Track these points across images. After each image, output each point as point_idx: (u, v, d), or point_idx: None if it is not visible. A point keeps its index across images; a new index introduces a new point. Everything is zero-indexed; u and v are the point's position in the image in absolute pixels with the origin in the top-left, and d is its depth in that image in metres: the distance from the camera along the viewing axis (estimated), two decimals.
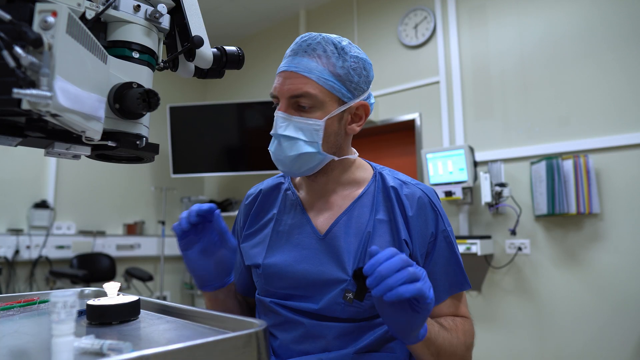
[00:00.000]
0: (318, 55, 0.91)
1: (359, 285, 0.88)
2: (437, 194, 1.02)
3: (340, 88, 0.92)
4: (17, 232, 3.37)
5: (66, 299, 0.42)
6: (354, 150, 1.03)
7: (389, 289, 0.65)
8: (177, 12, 0.73)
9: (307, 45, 0.92)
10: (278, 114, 0.92)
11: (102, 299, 0.69)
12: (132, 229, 4.08)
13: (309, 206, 1.01)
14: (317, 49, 0.91)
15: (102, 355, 0.48)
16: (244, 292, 1.10)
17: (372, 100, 1.00)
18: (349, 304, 0.89)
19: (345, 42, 0.94)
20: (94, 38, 0.53)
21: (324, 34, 0.94)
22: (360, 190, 0.99)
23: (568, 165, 2.49)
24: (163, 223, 4.03)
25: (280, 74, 0.93)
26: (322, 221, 0.98)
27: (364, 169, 1.04)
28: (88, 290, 0.91)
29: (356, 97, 0.94)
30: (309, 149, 0.91)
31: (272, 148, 0.94)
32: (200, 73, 0.80)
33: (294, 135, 0.91)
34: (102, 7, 0.60)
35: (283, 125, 0.91)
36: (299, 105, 0.91)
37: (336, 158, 0.95)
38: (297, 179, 1.07)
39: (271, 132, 0.94)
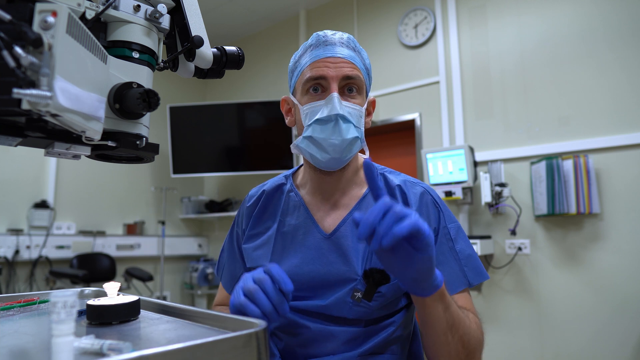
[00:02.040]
0: (352, 48, 0.95)
1: (368, 285, 0.88)
2: (437, 193, 1.02)
3: (367, 81, 0.97)
4: (17, 232, 3.37)
5: (66, 299, 0.42)
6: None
7: (383, 235, 0.61)
8: (177, 12, 0.73)
9: (339, 38, 0.94)
10: (335, 95, 0.89)
11: (102, 299, 0.69)
12: (132, 229, 4.08)
13: (313, 207, 1.00)
14: (350, 43, 0.95)
15: (102, 355, 0.48)
16: None
17: None
18: (356, 304, 0.89)
19: None
20: (94, 38, 0.53)
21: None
22: (364, 190, 0.99)
23: (568, 165, 2.49)
24: (163, 223, 4.03)
25: (324, 60, 0.92)
26: (328, 221, 0.97)
27: None
28: (88, 290, 0.91)
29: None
30: (356, 133, 0.91)
31: (321, 133, 0.89)
32: (200, 73, 0.80)
33: (349, 118, 0.90)
34: (102, 7, 0.60)
35: (341, 105, 0.89)
36: (348, 89, 0.92)
37: (366, 147, 0.96)
38: (300, 179, 1.05)
39: (322, 116, 0.89)
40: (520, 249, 2.69)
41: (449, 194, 2.78)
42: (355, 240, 0.92)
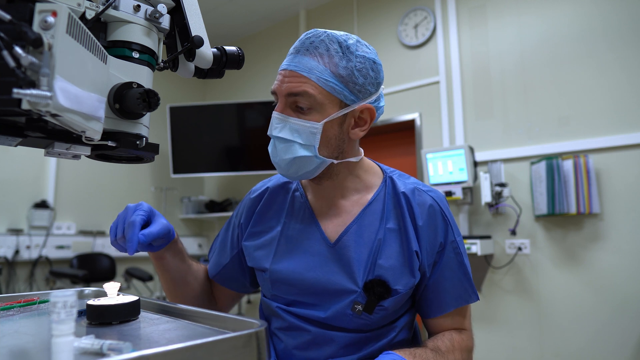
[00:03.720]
0: (320, 54, 0.86)
1: (369, 298, 0.86)
2: (446, 201, 0.99)
3: (342, 90, 0.86)
4: (17, 232, 3.36)
5: (66, 299, 0.42)
6: (361, 150, 0.98)
7: None
8: (177, 12, 0.73)
9: (309, 44, 0.87)
10: (274, 115, 0.88)
11: (102, 299, 0.69)
12: None
13: (318, 211, 0.97)
14: (320, 47, 0.86)
15: (102, 355, 0.48)
16: (222, 282, 1.07)
17: (382, 103, 0.94)
18: (357, 316, 0.87)
19: (352, 40, 0.88)
20: (94, 38, 0.53)
21: (330, 31, 0.89)
22: (369, 196, 0.96)
23: (568, 165, 2.49)
24: None
25: (280, 72, 0.89)
26: (332, 228, 0.95)
27: (372, 173, 1.00)
28: (88, 290, 0.91)
29: (361, 100, 0.88)
30: (304, 152, 0.86)
31: (270, 149, 0.91)
32: (200, 73, 0.80)
33: (290, 138, 0.86)
34: (102, 7, 0.60)
35: (278, 126, 0.87)
36: (297, 105, 0.86)
37: (336, 162, 0.91)
38: (304, 180, 1.03)
39: (268, 133, 0.90)
40: (520, 249, 2.69)
41: (449, 194, 2.78)
42: (358, 250, 0.90)
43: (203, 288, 1.06)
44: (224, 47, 0.79)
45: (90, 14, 0.59)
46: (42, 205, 3.51)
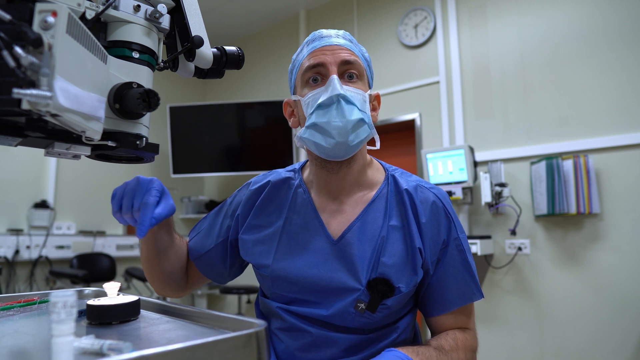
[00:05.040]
0: (349, 39, 0.96)
1: (372, 297, 0.85)
2: (449, 198, 0.99)
3: (368, 71, 0.96)
4: (17, 232, 3.36)
5: (66, 299, 0.42)
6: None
7: None
8: (177, 12, 0.73)
9: (335, 32, 0.95)
10: (334, 78, 0.87)
11: (102, 299, 0.69)
12: (132, 229, 4.07)
13: (321, 207, 0.96)
14: (346, 36, 0.96)
15: (102, 355, 0.48)
16: (202, 267, 1.04)
17: None
18: (359, 314, 0.87)
19: None
20: (94, 38, 0.53)
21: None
22: (372, 193, 0.96)
23: (568, 165, 2.49)
24: None
25: (321, 49, 0.91)
26: (334, 225, 0.94)
27: (376, 170, 1.01)
28: (88, 290, 0.91)
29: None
30: (362, 116, 0.88)
31: (323, 117, 0.86)
32: (200, 73, 0.80)
33: (352, 100, 0.87)
34: (102, 7, 0.60)
35: (341, 86, 0.87)
36: (348, 75, 0.91)
37: (377, 136, 0.93)
38: (307, 175, 1.01)
39: (323, 100, 0.86)
40: (520, 249, 2.69)
41: (449, 194, 2.78)
42: (362, 248, 0.90)
43: (181, 263, 1.03)
44: (224, 47, 0.79)
45: (90, 14, 0.59)
46: (42, 205, 3.51)
